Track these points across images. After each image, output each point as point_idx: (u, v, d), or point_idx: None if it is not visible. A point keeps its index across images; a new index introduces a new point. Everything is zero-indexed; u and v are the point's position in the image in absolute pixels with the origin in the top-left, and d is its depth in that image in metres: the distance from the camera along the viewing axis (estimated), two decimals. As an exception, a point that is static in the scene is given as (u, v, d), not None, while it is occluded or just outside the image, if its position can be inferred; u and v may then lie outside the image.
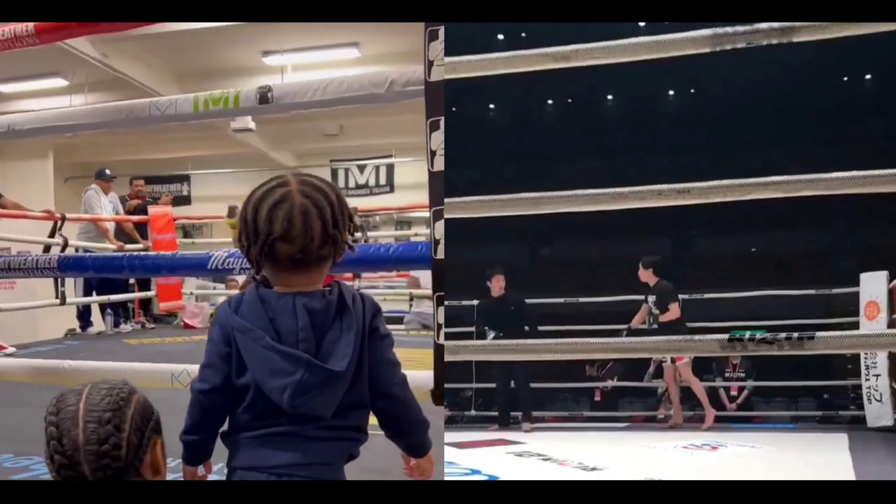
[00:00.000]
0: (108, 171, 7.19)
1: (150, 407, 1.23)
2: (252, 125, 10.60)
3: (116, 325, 7.26)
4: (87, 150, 12.13)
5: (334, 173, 12.65)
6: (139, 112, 2.36)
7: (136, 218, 7.62)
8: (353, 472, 1.37)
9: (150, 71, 9.69)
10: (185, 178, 13.70)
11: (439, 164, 1.86)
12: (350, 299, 1.28)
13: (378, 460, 1.58)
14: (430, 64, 1.86)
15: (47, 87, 9.99)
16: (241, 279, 7.31)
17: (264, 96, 2.17)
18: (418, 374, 2.09)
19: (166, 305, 7.64)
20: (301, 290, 1.27)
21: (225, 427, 1.34)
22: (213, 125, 11.79)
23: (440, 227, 1.81)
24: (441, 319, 1.87)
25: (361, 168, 12.67)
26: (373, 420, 1.36)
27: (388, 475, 1.52)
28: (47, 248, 5.30)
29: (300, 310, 1.24)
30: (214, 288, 9.88)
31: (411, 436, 1.37)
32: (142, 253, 2.66)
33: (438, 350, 1.89)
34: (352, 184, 12.76)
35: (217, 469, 1.43)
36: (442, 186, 1.88)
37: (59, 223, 5.77)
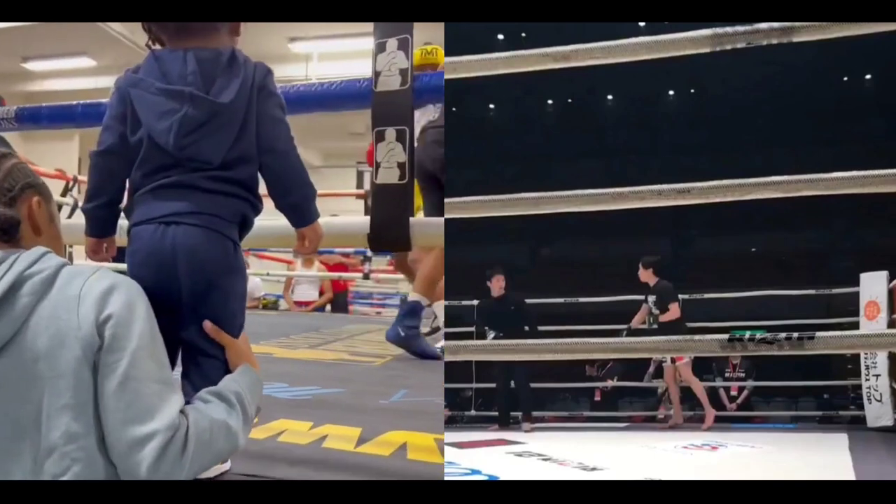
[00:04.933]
0: None
1: (25, 170, 1.26)
2: None
3: None
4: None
5: (360, 175, 12.13)
6: None
7: None
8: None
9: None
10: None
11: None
12: (241, 57, 1.34)
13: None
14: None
15: (75, 66, 9.88)
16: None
17: None
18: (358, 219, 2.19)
19: None
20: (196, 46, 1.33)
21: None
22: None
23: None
24: None
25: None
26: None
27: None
28: (59, 207, 5.44)
29: (190, 58, 1.30)
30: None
31: (293, 195, 1.38)
32: (96, 101, 2.61)
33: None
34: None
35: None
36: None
37: (69, 183, 5.76)
